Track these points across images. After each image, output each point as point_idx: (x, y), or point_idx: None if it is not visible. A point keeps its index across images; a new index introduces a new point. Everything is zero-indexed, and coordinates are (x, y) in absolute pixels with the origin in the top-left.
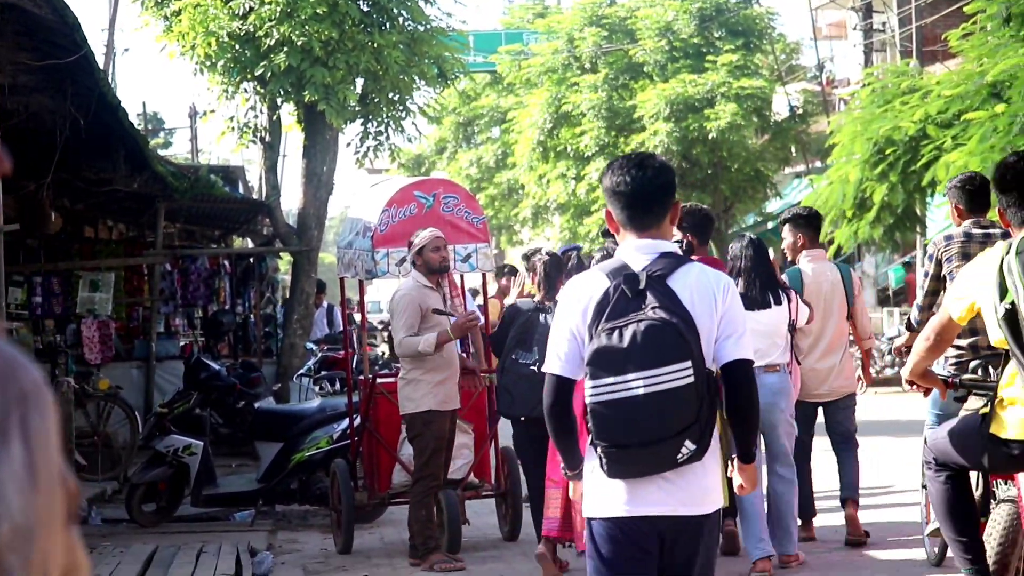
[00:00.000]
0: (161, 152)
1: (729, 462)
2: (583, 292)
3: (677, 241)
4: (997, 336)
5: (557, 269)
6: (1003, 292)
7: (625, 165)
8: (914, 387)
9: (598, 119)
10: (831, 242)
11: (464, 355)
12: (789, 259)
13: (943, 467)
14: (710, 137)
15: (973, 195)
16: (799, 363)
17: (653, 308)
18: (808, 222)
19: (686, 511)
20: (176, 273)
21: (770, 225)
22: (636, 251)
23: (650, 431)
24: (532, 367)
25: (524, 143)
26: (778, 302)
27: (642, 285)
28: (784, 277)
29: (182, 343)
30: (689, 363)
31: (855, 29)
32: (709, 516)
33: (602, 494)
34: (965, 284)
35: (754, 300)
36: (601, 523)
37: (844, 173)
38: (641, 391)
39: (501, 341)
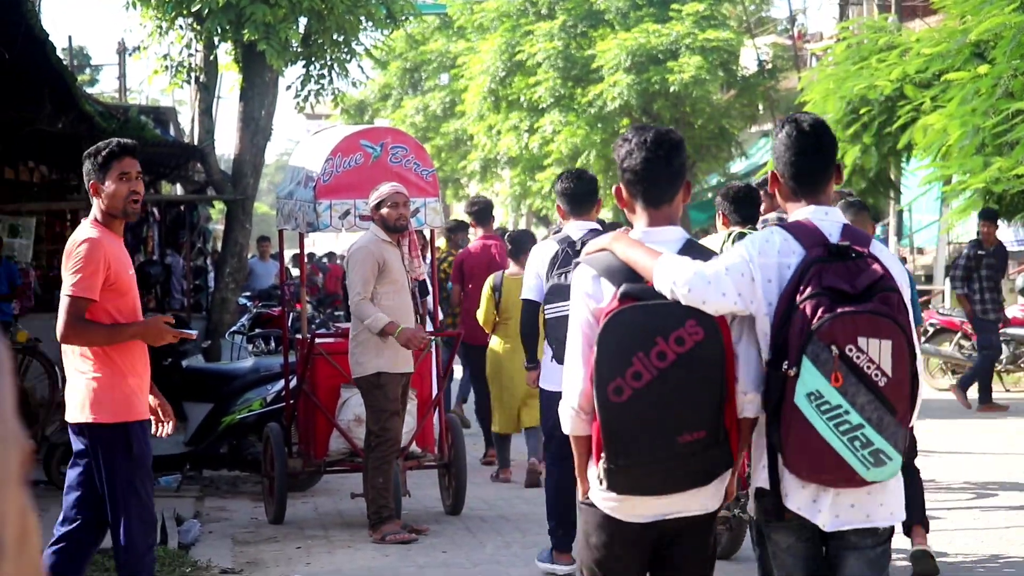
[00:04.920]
0: (87, 91)
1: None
2: (545, 252)
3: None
4: None
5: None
6: None
7: (568, 178)
8: None
9: (554, 69)
10: None
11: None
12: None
13: None
14: (672, 91)
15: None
16: None
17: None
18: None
19: None
20: None
21: None
22: (576, 228)
23: None
24: None
25: (474, 91)
26: None
27: (578, 247)
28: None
29: None
30: None
31: None
32: None
33: (550, 374)
34: None
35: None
36: (550, 394)
37: None
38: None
39: None
